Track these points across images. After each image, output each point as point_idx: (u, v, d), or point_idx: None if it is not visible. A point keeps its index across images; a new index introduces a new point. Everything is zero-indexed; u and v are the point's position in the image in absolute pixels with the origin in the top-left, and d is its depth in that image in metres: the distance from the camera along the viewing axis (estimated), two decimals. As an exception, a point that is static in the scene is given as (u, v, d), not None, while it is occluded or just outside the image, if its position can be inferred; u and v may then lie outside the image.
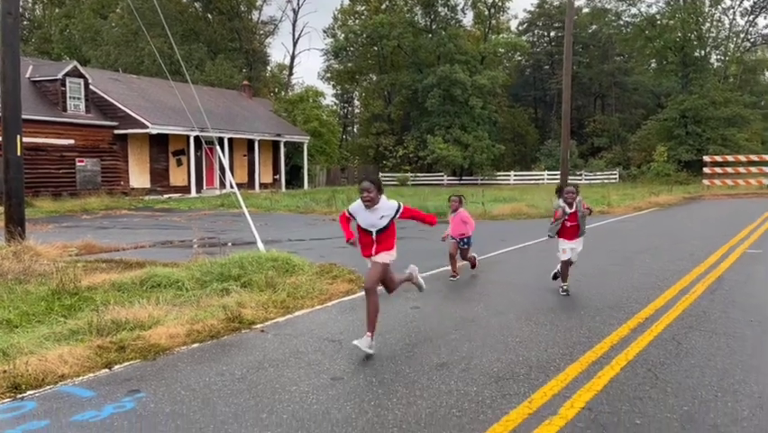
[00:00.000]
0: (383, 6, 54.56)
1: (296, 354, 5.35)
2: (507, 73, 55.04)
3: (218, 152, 21.29)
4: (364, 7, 57.11)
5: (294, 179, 40.54)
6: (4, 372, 4.61)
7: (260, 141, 36.46)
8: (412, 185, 44.43)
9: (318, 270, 8.80)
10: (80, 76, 28.45)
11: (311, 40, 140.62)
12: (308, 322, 6.44)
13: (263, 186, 36.75)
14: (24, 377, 4.57)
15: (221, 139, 31.47)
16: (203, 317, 6.22)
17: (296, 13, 60.26)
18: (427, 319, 6.50)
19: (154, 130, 29.27)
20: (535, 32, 64.41)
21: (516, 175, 48.91)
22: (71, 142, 27.71)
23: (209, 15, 53.58)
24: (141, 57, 44.79)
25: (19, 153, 10.29)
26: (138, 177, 30.57)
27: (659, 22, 48.25)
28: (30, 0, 58.29)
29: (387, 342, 5.65)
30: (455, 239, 8.81)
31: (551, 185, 38.72)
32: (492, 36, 54.99)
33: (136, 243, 12.92)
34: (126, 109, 29.33)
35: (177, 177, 32.45)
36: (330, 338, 5.80)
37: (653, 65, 55.84)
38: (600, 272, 9.17)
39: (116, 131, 29.43)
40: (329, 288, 7.88)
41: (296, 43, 60.76)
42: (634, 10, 50.44)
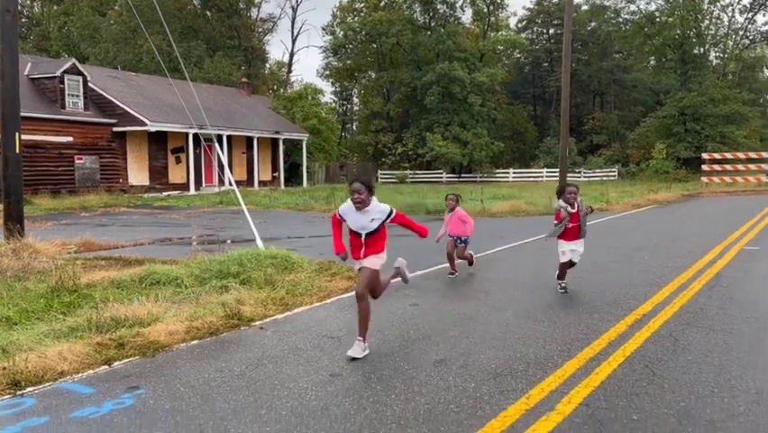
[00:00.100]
0: (382, 3, 54.51)
1: (294, 350, 5.36)
2: (506, 70, 54.98)
3: (217, 150, 21.29)
4: (363, 4, 57.06)
5: (293, 176, 40.49)
6: (4, 368, 4.63)
7: (258, 138, 36.39)
8: (411, 182, 44.39)
9: (317, 267, 8.80)
10: (79, 73, 28.40)
11: (310, 37, 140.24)
12: (307, 319, 6.45)
13: (262, 183, 36.74)
14: (24, 374, 4.59)
15: (220, 136, 31.43)
16: (202, 314, 6.23)
17: (294, 11, 60.52)
18: (426, 316, 6.52)
19: (153, 127, 29.22)
20: (534, 29, 64.45)
21: (515, 172, 48.88)
22: (70, 139, 27.67)
23: (208, 13, 53.48)
24: (140, 54, 44.70)
25: (18, 151, 10.31)
26: (137, 174, 30.54)
27: (658, 19, 48.24)
28: (28, -3, 58.22)
29: (385, 339, 5.67)
30: (452, 237, 8.82)
31: (550, 182, 38.76)
32: (491, 33, 55.00)
33: (135, 240, 12.94)
34: (125, 106, 29.30)
35: (176, 174, 32.41)
36: (329, 335, 5.81)
37: (652, 62, 55.85)
38: (599, 269, 9.19)
39: (115, 128, 29.39)
40: (328, 285, 7.89)
41: (294, 41, 60.91)
42: (633, 7, 50.54)
